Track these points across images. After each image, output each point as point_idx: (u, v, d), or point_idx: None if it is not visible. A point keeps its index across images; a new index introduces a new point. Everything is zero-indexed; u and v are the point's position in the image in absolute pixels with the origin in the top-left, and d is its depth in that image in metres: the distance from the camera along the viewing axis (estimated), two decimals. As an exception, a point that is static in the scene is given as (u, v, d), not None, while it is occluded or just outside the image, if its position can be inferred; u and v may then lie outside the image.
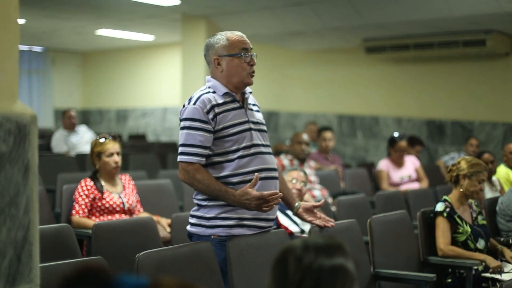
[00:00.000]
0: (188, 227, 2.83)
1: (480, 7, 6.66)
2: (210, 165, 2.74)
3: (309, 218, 2.98)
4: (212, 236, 2.73)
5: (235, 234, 2.73)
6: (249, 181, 2.69)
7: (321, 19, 7.83)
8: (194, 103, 2.73)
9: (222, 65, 2.78)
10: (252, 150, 2.75)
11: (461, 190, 3.74)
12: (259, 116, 2.90)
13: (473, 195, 3.74)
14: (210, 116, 2.71)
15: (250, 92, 2.91)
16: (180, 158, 2.71)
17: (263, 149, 2.80)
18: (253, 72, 2.80)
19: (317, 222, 2.97)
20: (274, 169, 2.83)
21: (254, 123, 2.82)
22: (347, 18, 7.69)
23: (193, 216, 2.81)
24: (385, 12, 7.34)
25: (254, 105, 2.92)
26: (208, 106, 2.72)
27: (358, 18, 7.59)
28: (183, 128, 2.72)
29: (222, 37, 2.80)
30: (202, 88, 2.82)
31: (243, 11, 8.11)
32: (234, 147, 2.72)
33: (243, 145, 2.73)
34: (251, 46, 2.83)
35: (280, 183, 2.98)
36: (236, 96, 2.81)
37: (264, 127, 2.89)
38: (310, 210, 2.98)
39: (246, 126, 2.77)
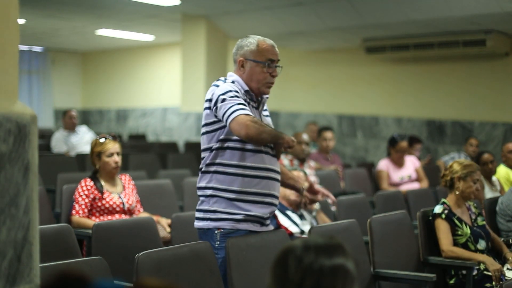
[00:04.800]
0: (195, 222, 2.84)
1: (480, 7, 6.66)
2: (223, 149, 2.74)
3: (311, 197, 3.06)
4: (216, 231, 2.73)
5: (241, 228, 2.75)
6: (255, 176, 2.74)
7: (321, 19, 7.83)
8: (229, 83, 2.78)
9: (245, 68, 2.82)
10: (263, 148, 2.79)
11: (457, 192, 3.75)
12: (268, 121, 2.95)
13: (470, 196, 3.75)
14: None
15: (267, 97, 2.94)
16: (238, 112, 2.63)
17: (270, 150, 2.84)
18: (272, 83, 2.84)
19: (319, 197, 3.04)
20: (277, 172, 2.87)
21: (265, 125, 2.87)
22: (347, 18, 7.69)
23: (198, 210, 2.82)
24: (385, 12, 7.34)
25: (265, 109, 2.98)
26: (239, 90, 2.76)
27: (358, 18, 7.59)
28: (223, 100, 2.68)
29: (253, 41, 2.83)
30: (225, 78, 2.84)
31: (243, 11, 8.11)
32: None
33: None
34: (279, 59, 2.86)
35: (283, 173, 3.01)
36: (254, 96, 2.86)
37: None
38: (312, 191, 3.05)
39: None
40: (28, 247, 1.61)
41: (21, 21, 9.07)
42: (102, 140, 4.00)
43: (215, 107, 2.70)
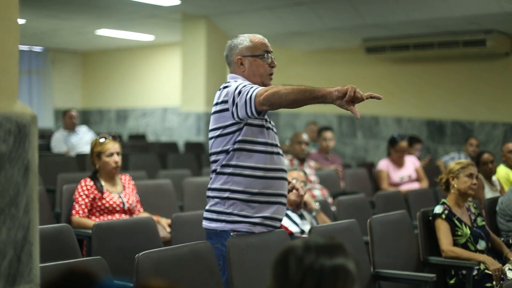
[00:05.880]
0: (205, 223, 2.82)
1: (480, 7, 6.66)
2: (241, 150, 2.74)
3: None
4: (232, 233, 2.74)
5: (256, 231, 2.77)
6: (270, 178, 2.75)
7: (321, 19, 7.83)
8: (239, 81, 2.77)
9: (245, 65, 2.84)
10: (274, 149, 2.81)
11: (452, 191, 3.77)
12: (271, 120, 2.96)
13: (467, 191, 3.75)
14: None
15: None
16: (256, 90, 2.58)
17: (280, 150, 2.87)
18: (272, 74, 2.88)
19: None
20: (286, 171, 2.90)
21: (271, 123, 2.90)
22: (347, 18, 7.69)
23: (211, 211, 2.80)
24: (385, 12, 7.34)
25: None
26: None
27: (358, 18, 7.59)
28: (239, 93, 2.63)
29: (245, 38, 2.87)
30: (234, 80, 2.83)
31: (243, 11, 8.11)
32: (263, 139, 2.76)
33: (269, 141, 2.78)
34: (272, 50, 2.90)
35: None
36: None
37: (275, 130, 2.95)
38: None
39: (269, 125, 2.83)
40: (28, 247, 1.61)
41: (21, 21, 9.07)
42: (102, 140, 4.00)
43: (234, 106, 2.65)
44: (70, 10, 8.58)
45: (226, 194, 2.75)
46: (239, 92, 2.64)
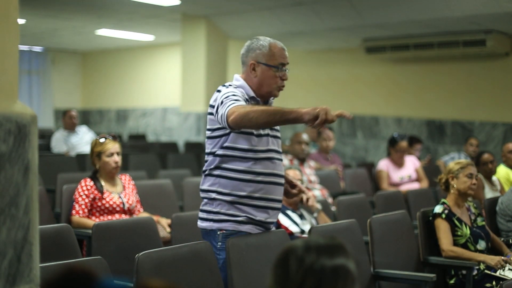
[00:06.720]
0: (198, 222, 2.85)
1: (480, 7, 6.66)
2: (227, 156, 2.74)
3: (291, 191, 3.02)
4: (218, 232, 2.75)
5: (243, 230, 2.76)
6: (259, 182, 2.74)
7: (321, 19, 7.84)
8: (231, 87, 2.76)
9: (257, 72, 2.80)
10: (267, 155, 2.79)
11: (452, 191, 3.78)
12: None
13: (467, 191, 3.75)
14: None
15: (273, 99, 2.92)
16: (229, 108, 2.56)
17: (275, 155, 2.84)
18: (283, 86, 2.83)
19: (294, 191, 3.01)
20: (282, 176, 2.88)
21: (271, 129, 2.86)
22: (347, 18, 7.69)
23: (202, 210, 2.84)
24: (385, 12, 7.34)
25: None
26: (242, 95, 2.74)
27: (358, 18, 7.59)
28: (221, 103, 2.63)
29: (265, 44, 2.81)
30: (229, 84, 2.82)
31: (243, 11, 8.11)
32: (253, 146, 2.74)
33: (261, 148, 2.76)
34: (288, 62, 2.85)
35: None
36: (260, 102, 2.84)
37: (279, 134, 2.93)
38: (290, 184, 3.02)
39: (265, 131, 2.81)
40: (28, 247, 1.61)
41: (21, 21, 9.07)
42: (102, 140, 4.00)
43: (217, 114, 2.67)
44: (70, 10, 8.58)
45: (213, 195, 2.77)
46: (221, 102, 2.64)
